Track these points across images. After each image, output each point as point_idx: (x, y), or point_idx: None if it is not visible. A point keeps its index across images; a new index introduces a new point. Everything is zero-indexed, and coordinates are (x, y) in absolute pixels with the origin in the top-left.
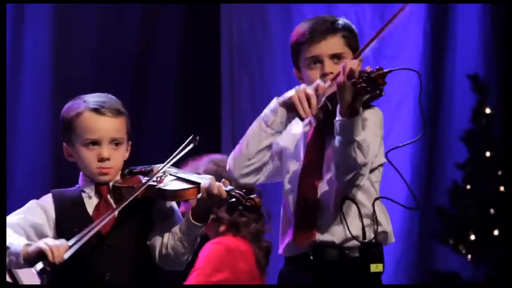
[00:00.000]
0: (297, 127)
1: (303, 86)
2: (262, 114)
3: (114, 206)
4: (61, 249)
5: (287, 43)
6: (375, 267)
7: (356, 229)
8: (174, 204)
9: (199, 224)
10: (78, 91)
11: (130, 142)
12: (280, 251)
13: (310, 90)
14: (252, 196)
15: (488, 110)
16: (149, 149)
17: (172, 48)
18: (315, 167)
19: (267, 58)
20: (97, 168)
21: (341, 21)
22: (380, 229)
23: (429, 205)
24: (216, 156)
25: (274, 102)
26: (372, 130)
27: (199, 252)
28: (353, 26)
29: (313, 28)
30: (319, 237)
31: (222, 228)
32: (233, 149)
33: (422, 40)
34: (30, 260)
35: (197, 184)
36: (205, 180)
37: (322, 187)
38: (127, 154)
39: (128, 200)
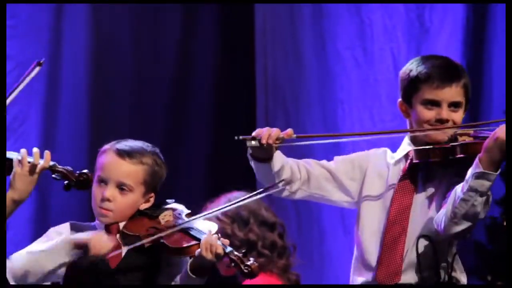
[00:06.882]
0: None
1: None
2: None
3: (121, 244)
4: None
5: (321, 76)
6: None
7: (431, 269)
8: None
9: (197, 278)
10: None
11: (152, 194)
12: None
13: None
14: (249, 263)
15: None
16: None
17: (207, 84)
18: (405, 211)
19: (301, 91)
20: (99, 207)
21: (461, 67)
22: (453, 273)
23: (467, 241)
24: (234, 195)
25: None
26: None
27: None
28: None
29: (439, 71)
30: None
31: None
32: None
33: None
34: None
35: (199, 241)
36: (205, 235)
37: (412, 231)
38: (144, 205)
39: (134, 245)
